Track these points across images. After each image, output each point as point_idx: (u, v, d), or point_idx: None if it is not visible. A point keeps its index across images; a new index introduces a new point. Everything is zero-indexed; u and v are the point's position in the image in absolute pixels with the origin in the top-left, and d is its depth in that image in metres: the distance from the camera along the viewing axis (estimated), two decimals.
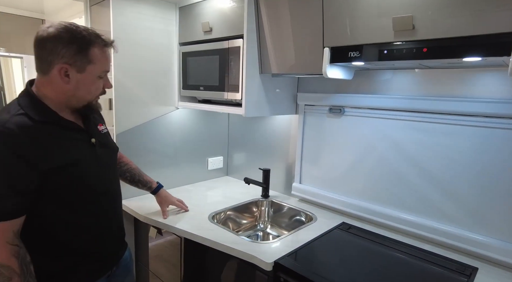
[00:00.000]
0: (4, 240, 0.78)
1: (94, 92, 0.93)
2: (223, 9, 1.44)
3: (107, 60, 0.92)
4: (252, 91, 1.40)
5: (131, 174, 1.33)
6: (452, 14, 0.86)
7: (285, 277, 1.05)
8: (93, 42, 0.86)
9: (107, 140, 1.05)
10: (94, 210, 0.96)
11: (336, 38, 1.11)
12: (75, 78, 0.86)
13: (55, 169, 0.84)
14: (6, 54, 2.41)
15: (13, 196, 0.79)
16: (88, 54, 0.86)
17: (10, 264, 0.78)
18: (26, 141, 0.79)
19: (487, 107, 1.07)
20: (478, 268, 1.07)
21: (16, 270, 0.79)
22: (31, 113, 0.83)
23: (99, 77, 0.92)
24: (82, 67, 0.86)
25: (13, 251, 0.79)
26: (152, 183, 1.38)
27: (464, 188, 1.15)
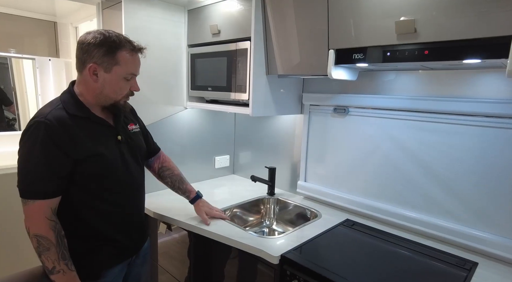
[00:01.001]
0: (44, 215, 0.90)
1: (119, 92, 1.02)
2: (231, 12, 1.49)
3: (134, 64, 1.01)
4: (259, 92, 1.45)
5: (172, 180, 1.38)
6: (452, 18, 0.89)
7: (291, 270, 1.09)
8: (122, 46, 0.97)
9: (136, 138, 1.15)
10: (117, 200, 1.05)
11: (340, 40, 1.16)
12: (102, 77, 0.97)
13: (83, 159, 0.94)
14: (19, 55, 2.49)
15: (53, 178, 0.91)
16: (115, 56, 0.96)
17: (48, 236, 0.90)
18: (61, 132, 0.91)
19: (489, 107, 1.10)
20: (478, 263, 1.10)
21: (53, 241, 0.90)
22: (68, 108, 0.96)
23: (125, 79, 1.01)
24: (108, 67, 0.97)
25: (51, 225, 0.91)
26: (191, 192, 1.40)
27: (466, 185, 1.19)
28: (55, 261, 0.89)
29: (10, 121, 2.65)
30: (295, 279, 1.07)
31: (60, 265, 0.90)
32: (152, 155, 1.35)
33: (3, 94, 2.55)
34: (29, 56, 2.51)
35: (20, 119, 2.68)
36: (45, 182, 0.90)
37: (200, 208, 1.39)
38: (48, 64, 2.57)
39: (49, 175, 0.90)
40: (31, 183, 0.90)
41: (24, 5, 2.34)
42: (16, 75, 2.65)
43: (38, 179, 0.90)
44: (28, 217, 0.90)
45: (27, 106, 2.69)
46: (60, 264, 0.90)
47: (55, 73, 2.60)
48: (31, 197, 0.90)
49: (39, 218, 0.90)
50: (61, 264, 0.90)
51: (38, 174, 0.90)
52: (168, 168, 1.38)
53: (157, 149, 1.38)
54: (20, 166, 0.91)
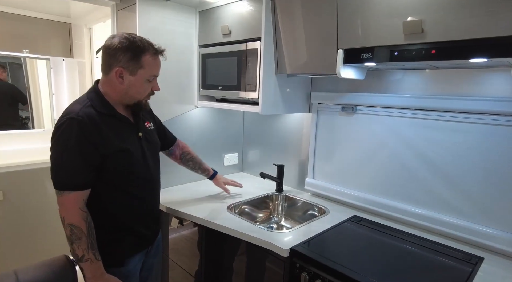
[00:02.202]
0: (78, 206, 0.98)
1: (143, 93, 1.09)
2: (241, 13, 1.53)
3: (156, 66, 1.08)
4: (268, 91, 1.49)
5: (193, 162, 1.58)
6: (459, 18, 0.92)
7: (300, 263, 1.13)
8: (146, 50, 1.03)
9: (152, 136, 1.23)
10: (139, 193, 1.12)
11: (349, 40, 1.19)
12: (128, 80, 1.04)
13: (110, 154, 1.01)
14: (35, 55, 2.57)
15: (86, 171, 0.98)
16: (140, 60, 1.03)
17: (81, 226, 0.97)
18: (92, 128, 0.98)
19: (494, 105, 1.13)
20: (483, 258, 1.12)
21: (84, 232, 0.97)
22: (95, 106, 1.03)
23: (148, 80, 1.08)
24: (134, 71, 1.03)
25: (83, 216, 0.98)
26: (209, 170, 1.64)
27: (471, 182, 1.21)
28: (85, 250, 0.96)
29: (24, 120, 2.73)
30: (304, 271, 1.11)
31: (89, 254, 0.97)
32: (171, 144, 1.49)
33: (20, 93, 2.63)
34: (44, 57, 2.59)
35: (33, 118, 2.76)
36: (79, 174, 0.97)
37: (219, 181, 1.66)
38: (62, 64, 2.64)
39: (83, 168, 0.98)
40: (67, 176, 0.97)
41: (40, 7, 2.42)
42: (30, 75, 2.73)
43: (73, 171, 0.97)
44: (64, 207, 0.97)
45: (40, 105, 2.77)
46: (89, 253, 0.97)
47: (69, 73, 2.67)
48: (68, 188, 0.96)
49: (74, 209, 0.97)
50: (89, 253, 0.97)
51: (74, 167, 0.97)
52: (188, 152, 1.56)
53: (174, 138, 1.51)
54: (55, 160, 0.98)
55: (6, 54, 2.47)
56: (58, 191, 0.97)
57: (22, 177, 2.06)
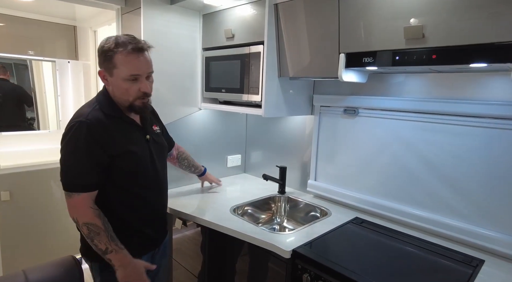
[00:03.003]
0: (89, 205, 1.01)
1: (128, 93, 1.05)
2: (244, 17, 1.55)
3: (132, 65, 1.02)
4: (271, 93, 1.50)
5: (188, 161, 1.64)
6: (459, 23, 0.93)
7: (302, 264, 1.14)
8: (117, 49, 1.00)
9: (159, 138, 1.24)
10: (146, 196, 1.14)
11: (351, 44, 1.20)
12: (110, 81, 1.05)
13: (118, 155, 1.03)
14: (40, 58, 2.60)
15: (95, 173, 1.01)
16: (112, 60, 1.01)
17: (96, 222, 0.99)
18: (101, 130, 1.01)
19: (494, 109, 1.14)
20: (484, 260, 1.13)
21: (101, 227, 1.00)
22: (104, 108, 1.05)
23: (129, 80, 1.03)
24: (110, 71, 1.03)
25: (96, 213, 1.01)
26: (201, 167, 1.73)
27: (472, 185, 1.22)
28: (106, 243, 0.99)
29: (29, 121, 2.76)
30: (306, 272, 1.13)
31: (111, 245, 1.00)
32: (171, 147, 1.53)
33: (26, 95, 2.67)
34: (49, 59, 2.62)
35: (39, 119, 2.80)
36: (88, 175, 1.00)
37: (208, 176, 1.79)
38: (67, 66, 2.68)
39: (92, 169, 1.00)
40: (76, 177, 0.99)
41: (46, 10, 2.45)
42: (36, 76, 2.76)
43: (82, 173, 0.99)
44: (75, 208, 0.99)
45: (45, 106, 2.81)
46: (111, 245, 1.00)
47: (74, 75, 2.71)
48: (77, 190, 0.98)
49: (85, 208, 0.99)
50: (112, 244, 1.00)
51: (83, 168, 0.99)
52: (183, 152, 1.62)
53: (173, 141, 1.57)
54: (65, 162, 1.00)
55: (12, 56, 2.51)
56: (67, 192, 0.99)
57: (29, 177, 2.09)
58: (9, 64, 2.58)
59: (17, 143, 2.47)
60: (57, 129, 2.73)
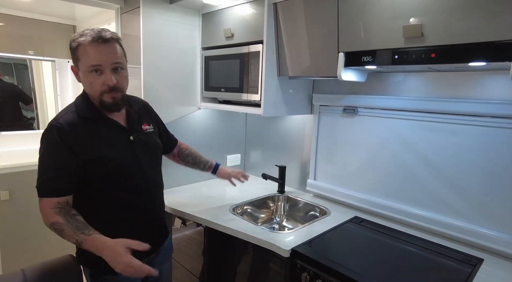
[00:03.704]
0: (49, 207, 0.96)
1: (93, 87, 0.99)
2: (244, 16, 1.55)
3: (94, 55, 0.96)
4: (270, 93, 1.50)
5: (193, 157, 1.47)
6: (458, 22, 0.93)
7: (301, 263, 1.14)
8: (79, 41, 0.96)
9: (149, 138, 1.15)
10: (130, 201, 1.07)
11: (350, 43, 1.20)
12: (80, 76, 1.01)
13: (93, 160, 0.98)
14: (40, 57, 2.60)
15: (62, 178, 0.96)
16: (76, 53, 0.98)
17: (56, 220, 0.94)
18: (71, 134, 0.96)
19: (493, 108, 1.14)
20: (483, 259, 1.13)
21: (62, 222, 0.94)
22: (79, 111, 1.01)
23: (92, 72, 0.97)
24: (76, 64, 1.00)
25: (56, 211, 0.96)
26: (212, 162, 1.51)
27: (471, 184, 1.22)
28: (74, 235, 0.94)
29: (29, 121, 2.76)
30: (305, 271, 1.13)
31: (78, 236, 0.93)
32: (172, 146, 1.43)
33: (22, 93, 2.67)
34: (49, 59, 2.62)
35: (38, 119, 2.80)
36: (54, 181, 0.96)
37: (223, 172, 1.52)
38: (67, 66, 2.68)
39: (58, 174, 0.96)
40: (43, 182, 0.97)
41: (46, 10, 2.45)
42: (36, 76, 2.77)
43: (48, 178, 0.96)
44: (41, 212, 0.97)
45: (45, 106, 2.81)
46: (78, 235, 0.93)
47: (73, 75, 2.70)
48: (45, 195, 0.96)
49: (47, 211, 0.96)
50: (79, 235, 0.93)
51: (49, 173, 0.96)
52: (186, 148, 1.48)
53: (176, 140, 1.46)
54: (38, 166, 0.98)
55: (12, 56, 2.51)
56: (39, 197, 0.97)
57: (28, 177, 2.09)
58: (9, 64, 2.58)
59: (16, 143, 2.47)
60: None
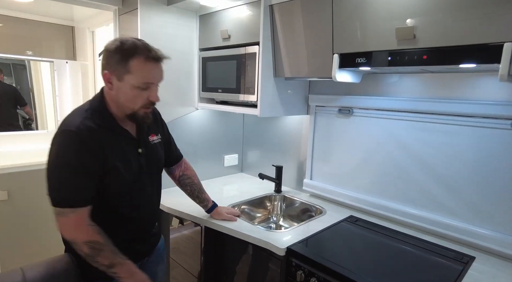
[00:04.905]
0: (86, 223, 0.93)
1: (135, 101, 0.97)
2: (240, 17, 1.57)
3: (148, 73, 0.95)
4: (266, 94, 1.52)
5: (192, 189, 1.40)
6: (449, 25, 0.95)
7: (296, 262, 1.16)
8: (136, 53, 0.93)
9: (155, 151, 1.14)
10: (131, 215, 1.06)
11: (344, 45, 1.22)
12: (116, 85, 0.96)
13: (105, 171, 0.96)
14: (38, 58, 2.61)
15: (90, 185, 0.94)
16: (127, 64, 0.93)
17: (97, 239, 0.93)
18: (92, 141, 0.92)
19: (485, 109, 1.16)
20: (475, 257, 1.15)
21: (104, 243, 0.94)
22: (95, 118, 0.96)
23: (140, 88, 0.96)
24: (120, 76, 0.94)
25: (95, 230, 0.94)
26: (209, 201, 1.43)
27: (464, 183, 1.24)
28: (111, 258, 0.94)
29: (27, 121, 2.77)
30: (300, 269, 1.14)
31: (116, 259, 0.95)
32: (173, 163, 1.35)
33: (18, 95, 2.67)
34: (47, 59, 2.63)
35: (37, 119, 2.81)
36: (84, 189, 0.92)
37: (219, 212, 1.43)
38: (65, 66, 2.69)
39: (87, 182, 0.92)
40: (71, 192, 0.91)
41: (44, 11, 2.47)
42: (34, 77, 2.78)
43: (77, 186, 0.91)
44: (71, 228, 0.92)
45: (44, 106, 2.82)
46: (116, 258, 0.95)
47: (72, 75, 2.72)
48: (72, 205, 0.90)
49: (84, 226, 0.92)
50: (116, 258, 0.95)
51: (77, 182, 0.91)
52: (189, 176, 1.39)
53: (179, 156, 1.38)
54: (54, 175, 0.91)
55: (11, 57, 2.52)
56: (59, 209, 0.90)
57: (27, 177, 2.10)
58: (8, 65, 2.59)
59: (15, 143, 2.48)
60: (55, 129, 2.74)
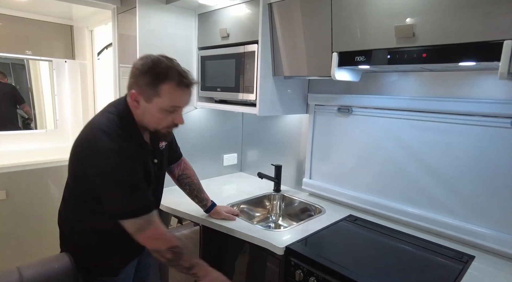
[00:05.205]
0: (164, 230, 0.98)
1: (160, 123, 0.99)
2: (239, 16, 1.56)
3: (179, 98, 0.97)
4: (265, 92, 1.51)
5: (191, 188, 1.40)
6: (448, 23, 0.95)
7: (295, 261, 1.16)
8: (168, 78, 0.93)
9: (164, 157, 1.18)
10: None
11: (343, 44, 1.22)
12: (143, 105, 0.97)
13: None
14: (37, 57, 2.60)
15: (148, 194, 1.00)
16: (158, 87, 0.93)
17: (177, 244, 0.99)
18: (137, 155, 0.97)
19: (485, 107, 1.15)
20: (475, 256, 1.15)
21: (181, 247, 1.00)
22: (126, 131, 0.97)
23: (167, 111, 0.97)
24: (149, 98, 0.95)
25: (172, 235, 1.01)
26: (208, 201, 1.43)
27: (463, 182, 1.24)
28: (189, 260, 1.00)
29: (26, 121, 2.77)
30: (299, 269, 1.14)
31: (193, 260, 1.02)
32: (173, 162, 1.36)
33: (17, 93, 2.67)
34: (46, 58, 2.63)
35: (36, 119, 2.80)
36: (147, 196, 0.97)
37: (218, 211, 1.42)
38: (64, 66, 2.68)
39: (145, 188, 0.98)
40: (141, 198, 0.94)
41: (43, 10, 2.46)
42: (33, 76, 2.77)
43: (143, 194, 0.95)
44: (153, 238, 0.96)
45: (43, 106, 2.81)
46: (193, 259, 1.02)
47: (71, 75, 2.71)
48: (146, 211, 0.93)
49: (163, 234, 0.97)
50: (193, 260, 1.02)
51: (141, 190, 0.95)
52: (188, 175, 1.39)
53: (179, 155, 1.40)
54: (119, 191, 0.92)
55: (9, 56, 2.51)
56: (137, 224, 0.93)
57: (26, 176, 2.09)
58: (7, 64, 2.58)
59: (14, 142, 2.47)
60: (54, 129, 2.73)
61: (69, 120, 2.76)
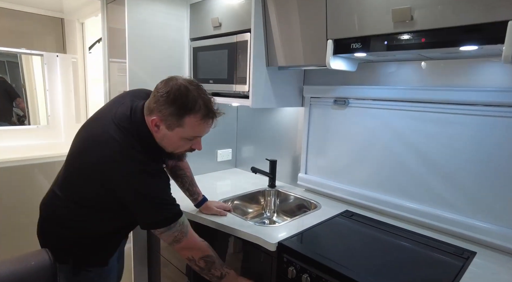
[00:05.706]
0: (197, 239, 1.05)
1: (178, 148, 1.02)
2: (231, 4, 1.51)
3: (201, 129, 0.98)
4: (259, 84, 1.46)
5: (183, 180, 1.38)
6: (448, 4, 0.89)
7: (288, 257, 1.10)
8: (193, 111, 0.92)
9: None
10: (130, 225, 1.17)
11: (338, 30, 1.16)
12: (163, 131, 0.96)
13: None
14: (28, 51, 2.55)
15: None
16: (181, 118, 0.93)
17: (211, 253, 1.05)
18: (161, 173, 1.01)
19: (487, 96, 1.10)
20: (476, 252, 1.10)
21: (214, 255, 1.06)
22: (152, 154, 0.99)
23: (188, 139, 0.99)
24: (172, 126, 0.94)
25: (206, 244, 1.06)
26: (199, 195, 1.40)
27: (464, 175, 1.18)
28: (221, 269, 1.05)
29: (21, 118, 2.71)
30: (291, 265, 1.09)
31: (224, 269, 1.06)
32: None
33: (10, 88, 2.61)
34: (37, 53, 2.57)
35: (29, 114, 2.75)
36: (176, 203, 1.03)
37: (209, 206, 1.39)
38: (55, 60, 2.62)
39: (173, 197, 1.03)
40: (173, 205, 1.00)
41: (32, 1, 2.40)
42: (26, 72, 2.71)
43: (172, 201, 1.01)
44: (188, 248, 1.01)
45: (36, 101, 2.76)
46: (224, 269, 1.06)
47: (62, 69, 2.65)
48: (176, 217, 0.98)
49: (197, 243, 1.03)
50: (224, 269, 1.06)
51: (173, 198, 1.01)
52: (181, 168, 1.38)
53: None
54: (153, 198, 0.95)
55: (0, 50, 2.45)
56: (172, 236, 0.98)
57: (16, 172, 2.05)
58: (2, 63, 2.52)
59: (5, 138, 2.42)
60: (46, 124, 2.68)
61: (61, 116, 2.70)
